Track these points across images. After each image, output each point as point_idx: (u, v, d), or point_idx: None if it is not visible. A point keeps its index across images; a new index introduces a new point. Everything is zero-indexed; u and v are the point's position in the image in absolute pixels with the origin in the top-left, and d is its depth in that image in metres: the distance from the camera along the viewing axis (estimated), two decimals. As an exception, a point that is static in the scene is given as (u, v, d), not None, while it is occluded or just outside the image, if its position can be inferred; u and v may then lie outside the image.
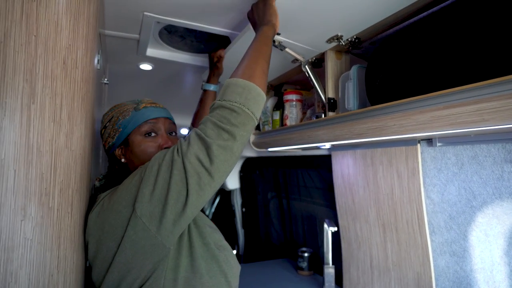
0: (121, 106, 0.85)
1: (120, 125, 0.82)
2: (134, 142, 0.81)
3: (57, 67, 0.65)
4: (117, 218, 0.68)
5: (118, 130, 0.82)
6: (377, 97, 0.90)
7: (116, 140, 0.82)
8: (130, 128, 0.81)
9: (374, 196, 1.28)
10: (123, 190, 0.69)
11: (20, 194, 0.60)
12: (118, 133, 0.81)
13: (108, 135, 0.84)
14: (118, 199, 0.69)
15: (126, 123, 0.81)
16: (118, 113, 0.84)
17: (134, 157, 0.81)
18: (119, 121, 0.82)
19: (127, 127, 0.81)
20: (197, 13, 1.08)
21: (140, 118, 0.82)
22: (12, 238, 0.59)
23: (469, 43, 0.68)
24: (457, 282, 1.02)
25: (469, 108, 0.64)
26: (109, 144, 0.84)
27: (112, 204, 0.69)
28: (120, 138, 0.82)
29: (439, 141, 1.01)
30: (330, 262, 1.53)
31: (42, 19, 0.63)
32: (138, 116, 0.82)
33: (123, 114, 0.83)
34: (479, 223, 0.95)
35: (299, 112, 1.39)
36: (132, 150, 0.81)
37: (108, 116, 0.85)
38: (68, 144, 0.67)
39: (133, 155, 0.81)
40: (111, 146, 0.84)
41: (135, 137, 0.82)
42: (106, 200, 0.72)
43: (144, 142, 0.81)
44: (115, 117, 0.83)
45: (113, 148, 0.84)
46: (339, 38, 1.01)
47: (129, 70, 1.69)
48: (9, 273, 0.58)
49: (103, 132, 0.85)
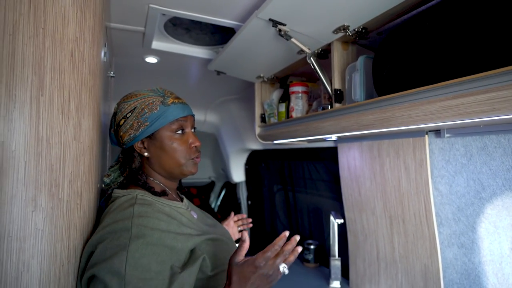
0: (145, 97, 0.82)
1: (147, 118, 0.80)
2: (164, 138, 0.82)
3: (65, 60, 0.65)
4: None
5: (143, 124, 0.80)
6: (385, 88, 0.89)
7: (140, 133, 0.80)
8: (159, 124, 0.80)
9: (381, 188, 1.27)
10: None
11: (31, 185, 0.61)
12: (144, 126, 0.80)
13: (130, 126, 0.81)
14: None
15: (154, 117, 0.80)
16: (142, 104, 0.81)
17: (162, 151, 0.82)
18: (145, 114, 0.80)
19: (156, 122, 0.80)
20: (202, 4, 1.08)
21: (170, 116, 0.81)
22: (24, 229, 0.60)
23: (479, 31, 0.67)
24: (465, 274, 1.02)
25: (479, 98, 0.63)
26: (130, 136, 0.81)
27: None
28: (146, 132, 0.80)
29: (447, 132, 1.00)
30: (336, 254, 1.53)
31: (50, 11, 0.63)
32: (168, 112, 0.81)
33: (149, 107, 0.80)
34: (488, 215, 0.94)
35: (305, 104, 1.38)
36: (161, 146, 0.82)
37: (130, 106, 0.81)
38: (76, 136, 0.67)
39: (161, 150, 0.82)
40: (131, 138, 0.81)
41: (165, 133, 0.82)
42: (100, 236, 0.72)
43: (175, 140, 0.83)
44: (139, 109, 0.80)
45: (134, 140, 0.82)
46: (346, 29, 1.00)
47: (134, 63, 1.70)
48: (21, 263, 0.60)
49: (123, 123, 0.81)
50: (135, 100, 0.82)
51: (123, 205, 0.76)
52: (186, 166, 0.85)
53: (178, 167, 0.84)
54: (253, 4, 1.06)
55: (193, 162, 0.86)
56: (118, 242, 0.68)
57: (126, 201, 0.78)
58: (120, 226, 0.70)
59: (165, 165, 0.83)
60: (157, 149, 0.82)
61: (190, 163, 0.86)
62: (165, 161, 0.83)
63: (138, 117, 0.80)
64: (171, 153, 0.82)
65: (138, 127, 0.80)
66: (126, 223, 0.71)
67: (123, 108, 0.82)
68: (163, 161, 0.83)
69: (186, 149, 0.84)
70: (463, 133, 0.96)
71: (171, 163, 0.83)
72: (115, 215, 0.74)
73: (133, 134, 0.81)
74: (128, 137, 0.82)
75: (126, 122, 0.81)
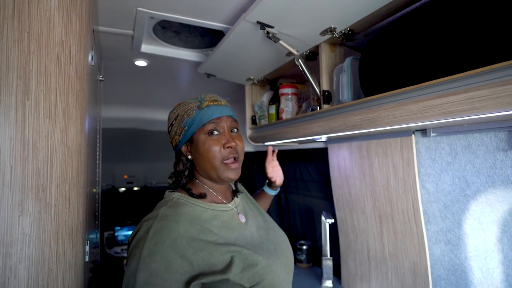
0: (186, 104, 0.87)
1: (185, 123, 0.85)
2: (199, 141, 0.85)
3: (50, 63, 0.65)
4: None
5: (184, 129, 0.85)
6: (371, 89, 0.90)
7: (182, 138, 0.86)
8: (194, 127, 0.84)
9: (370, 188, 1.29)
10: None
11: (17, 190, 0.60)
12: (184, 131, 0.85)
13: (175, 133, 0.87)
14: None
15: (191, 121, 0.84)
16: (183, 111, 0.86)
17: (199, 154, 0.85)
18: (184, 120, 0.85)
19: (192, 126, 0.84)
20: (190, 7, 1.08)
21: (203, 118, 0.84)
22: (11, 233, 0.60)
23: (458, 34, 0.69)
24: (452, 270, 1.04)
25: (460, 97, 0.65)
26: (176, 142, 0.87)
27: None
28: (186, 137, 0.85)
29: (433, 131, 1.02)
30: (328, 254, 1.54)
31: (34, 15, 0.63)
32: (202, 115, 0.84)
33: (187, 112, 0.85)
34: (473, 211, 0.96)
35: (295, 105, 1.39)
36: (197, 148, 0.85)
37: (174, 114, 0.87)
38: (64, 140, 0.67)
39: (198, 153, 0.85)
40: (177, 143, 0.87)
41: (200, 135, 0.85)
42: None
43: (208, 141, 0.84)
44: (180, 115, 0.86)
45: (179, 145, 0.87)
46: (333, 31, 1.01)
47: (124, 67, 1.69)
48: (8, 268, 0.59)
49: (170, 130, 0.88)
50: (178, 108, 0.87)
51: (158, 205, 0.82)
52: (220, 170, 0.84)
53: (214, 170, 0.84)
54: (241, 7, 1.06)
55: (226, 167, 0.84)
56: (138, 244, 0.72)
57: (163, 202, 0.83)
58: (145, 226, 0.74)
59: (204, 167, 0.86)
60: (196, 152, 0.86)
61: (223, 168, 0.84)
62: (203, 163, 0.86)
63: (179, 124, 0.86)
64: (205, 155, 0.85)
65: (180, 132, 0.85)
66: (149, 224, 0.74)
67: (170, 117, 0.89)
68: (202, 163, 0.86)
69: (219, 150, 0.83)
70: (448, 132, 0.98)
71: (208, 165, 0.85)
72: (149, 214, 0.79)
73: (177, 139, 0.87)
74: (175, 142, 0.88)
75: (172, 129, 0.88)
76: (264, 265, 0.78)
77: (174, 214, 0.77)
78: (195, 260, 0.72)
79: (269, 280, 0.77)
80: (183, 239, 0.73)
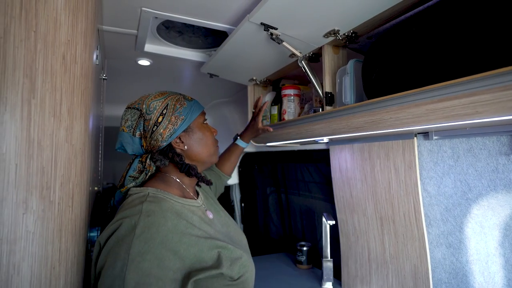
0: (169, 95, 0.88)
1: (182, 112, 0.86)
2: (199, 128, 0.91)
3: (56, 62, 0.66)
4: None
5: (180, 118, 0.86)
6: (374, 91, 0.91)
7: (178, 127, 0.86)
8: (193, 116, 0.88)
9: (371, 190, 1.29)
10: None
11: (22, 188, 0.61)
12: (181, 120, 0.86)
13: (169, 121, 0.85)
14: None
15: (188, 111, 0.87)
16: (173, 100, 0.87)
17: (199, 141, 0.90)
18: (178, 109, 0.86)
19: (190, 115, 0.88)
20: (194, 8, 1.09)
21: (197, 108, 0.91)
22: (14, 231, 0.60)
23: (463, 37, 0.69)
24: (453, 273, 1.04)
25: (463, 101, 0.65)
26: (170, 131, 0.85)
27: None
28: (183, 125, 0.86)
29: (435, 134, 1.02)
30: (328, 255, 1.54)
31: (41, 14, 0.64)
32: (195, 106, 0.90)
33: (179, 102, 0.87)
34: (475, 215, 0.96)
35: (297, 106, 1.39)
36: (198, 135, 0.90)
37: (162, 103, 0.85)
38: (68, 139, 0.68)
39: (199, 139, 0.90)
40: (172, 133, 0.85)
41: (197, 123, 0.91)
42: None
43: (206, 128, 0.93)
44: (171, 105, 0.86)
45: (174, 135, 0.85)
46: (336, 33, 1.02)
47: (127, 66, 1.70)
48: (11, 265, 0.60)
49: (162, 120, 0.84)
50: (164, 98, 0.87)
51: (134, 201, 0.78)
52: (214, 154, 0.95)
53: (210, 156, 0.93)
54: (245, 8, 1.07)
55: (215, 151, 0.96)
56: (122, 243, 0.69)
57: (138, 198, 0.80)
58: (127, 223, 0.72)
59: (201, 153, 0.91)
60: (194, 140, 0.89)
61: (216, 151, 0.95)
62: (200, 149, 0.90)
63: (173, 113, 0.86)
64: (205, 141, 0.91)
65: (176, 121, 0.85)
66: (132, 221, 0.72)
67: (157, 106, 0.85)
68: (199, 149, 0.90)
69: (213, 136, 0.95)
70: (450, 135, 0.98)
71: (205, 151, 0.91)
72: (126, 211, 0.75)
73: (172, 128, 0.85)
74: (168, 132, 0.85)
75: (164, 118, 0.85)
76: (245, 258, 0.85)
77: (159, 209, 0.76)
78: (186, 257, 0.72)
79: (250, 272, 0.85)
80: (173, 235, 0.72)
